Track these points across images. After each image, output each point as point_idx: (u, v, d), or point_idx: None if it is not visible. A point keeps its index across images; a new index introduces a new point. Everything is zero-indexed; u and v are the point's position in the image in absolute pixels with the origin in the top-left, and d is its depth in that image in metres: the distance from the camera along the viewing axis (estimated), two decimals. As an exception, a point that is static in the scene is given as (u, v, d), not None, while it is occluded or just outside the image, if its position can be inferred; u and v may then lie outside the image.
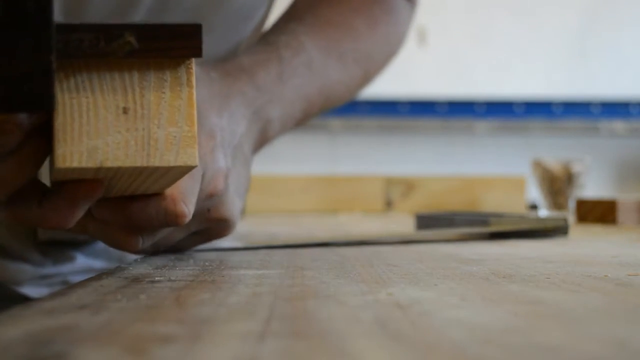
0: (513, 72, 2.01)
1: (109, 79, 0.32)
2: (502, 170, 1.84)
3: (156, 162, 0.33)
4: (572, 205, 1.19)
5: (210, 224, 0.47)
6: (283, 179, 1.44)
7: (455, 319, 0.24)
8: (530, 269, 0.39)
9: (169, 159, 0.33)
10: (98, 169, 0.33)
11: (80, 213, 0.36)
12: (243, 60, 0.52)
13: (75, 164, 0.32)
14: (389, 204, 1.44)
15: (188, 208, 0.40)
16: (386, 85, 1.96)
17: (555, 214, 1.19)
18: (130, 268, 0.40)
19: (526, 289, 0.31)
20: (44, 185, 0.36)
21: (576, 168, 1.23)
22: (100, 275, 0.37)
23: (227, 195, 0.46)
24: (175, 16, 0.53)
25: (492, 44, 2.01)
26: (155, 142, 0.33)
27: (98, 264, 0.64)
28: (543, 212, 1.23)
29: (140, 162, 0.33)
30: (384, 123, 1.99)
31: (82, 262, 0.63)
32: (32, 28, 0.29)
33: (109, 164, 0.32)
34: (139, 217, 0.40)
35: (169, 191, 0.39)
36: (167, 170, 0.34)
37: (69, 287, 0.32)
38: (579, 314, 0.26)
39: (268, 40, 0.56)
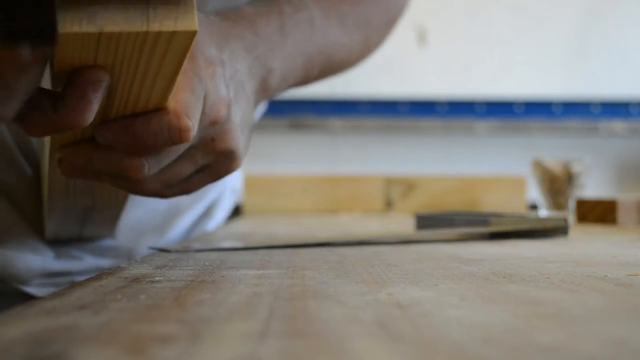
0: (513, 72, 2.01)
1: None
2: (502, 170, 1.84)
3: (156, 26, 0.33)
4: (572, 205, 1.19)
5: (217, 157, 0.46)
6: (283, 179, 1.44)
7: (455, 318, 0.24)
8: (530, 269, 0.39)
9: (169, 24, 0.33)
10: (99, 36, 0.32)
11: (93, 107, 0.35)
12: (244, 10, 0.52)
13: (75, 29, 0.31)
14: (389, 204, 1.44)
15: (192, 122, 0.39)
16: (386, 85, 1.96)
17: (555, 214, 1.19)
18: (130, 268, 0.40)
19: (526, 289, 0.31)
20: (53, 92, 0.36)
21: (576, 168, 1.23)
22: (100, 275, 0.37)
23: (231, 125, 0.45)
24: None
25: (492, 44, 2.01)
26: (154, 8, 0.33)
27: (106, 263, 0.64)
28: (543, 212, 1.23)
29: (140, 26, 0.32)
30: (384, 123, 1.98)
31: (90, 261, 0.63)
32: None
33: (109, 28, 0.32)
34: (143, 135, 0.39)
35: (171, 105, 0.39)
36: (167, 44, 0.33)
37: (69, 287, 0.32)
38: (578, 314, 0.26)
39: None
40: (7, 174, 0.57)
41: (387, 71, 1.96)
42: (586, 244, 0.59)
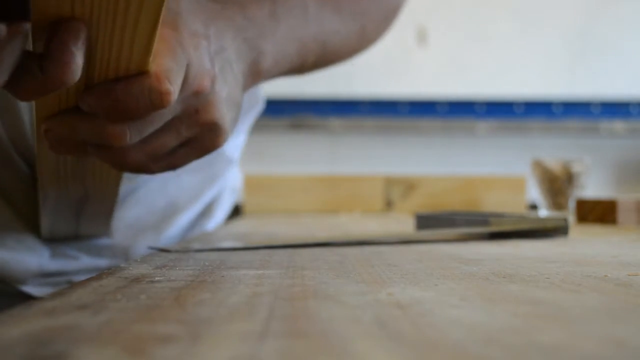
0: (513, 72, 2.01)
1: None
2: (502, 170, 1.84)
3: None
4: (572, 205, 1.19)
5: (201, 129, 0.46)
6: (283, 179, 1.44)
7: (455, 318, 0.24)
8: (530, 269, 0.39)
9: None
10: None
11: (76, 60, 0.35)
12: None
13: None
14: (389, 204, 1.44)
15: (172, 87, 0.40)
16: (386, 85, 1.96)
17: (555, 214, 1.19)
18: (130, 268, 0.40)
19: (526, 289, 0.31)
20: (37, 53, 0.36)
21: (576, 168, 1.23)
22: (100, 275, 0.37)
23: (216, 97, 0.45)
24: None
25: (492, 44, 2.01)
26: None
27: (103, 262, 0.64)
28: (543, 212, 1.23)
29: None
30: (384, 123, 1.99)
31: (87, 261, 0.63)
32: None
33: None
34: (124, 98, 0.39)
35: (152, 69, 0.39)
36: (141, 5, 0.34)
37: (69, 287, 0.32)
38: (578, 314, 0.26)
39: None
40: (3, 172, 0.57)
41: (387, 71, 1.96)
42: (586, 244, 0.59)
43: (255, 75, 0.52)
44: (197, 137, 0.46)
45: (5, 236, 0.58)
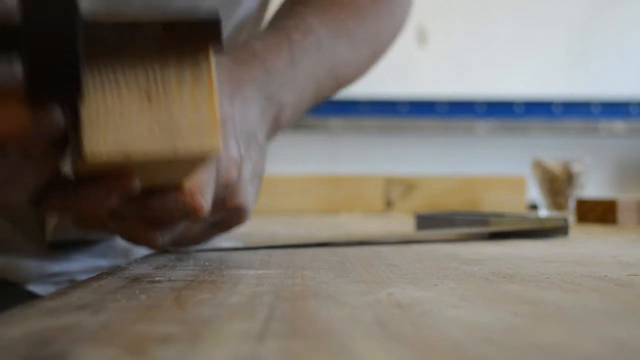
0: (513, 72, 2.01)
1: (132, 68, 0.33)
2: (502, 170, 1.84)
3: (180, 148, 0.33)
4: (572, 205, 1.19)
5: (227, 213, 0.47)
6: (283, 179, 1.44)
7: (455, 318, 0.24)
8: (530, 269, 0.39)
9: (193, 145, 0.34)
10: (125, 158, 0.33)
11: (112, 203, 0.35)
12: (255, 46, 0.52)
13: (104, 157, 0.32)
14: (389, 204, 1.44)
15: (206, 200, 0.40)
16: (386, 85, 1.96)
17: (555, 214, 1.19)
18: (130, 268, 0.40)
19: (526, 289, 0.31)
20: (72, 177, 0.37)
21: (576, 168, 1.23)
22: (101, 275, 0.37)
23: (241, 184, 0.46)
24: None
25: (492, 44, 2.01)
26: (179, 129, 0.33)
27: (104, 262, 0.64)
28: (543, 212, 1.23)
29: (165, 148, 0.33)
30: (384, 123, 1.98)
31: (88, 261, 0.63)
32: (61, 19, 0.29)
33: (136, 153, 0.33)
34: (158, 211, 0.40)
35: (187, 185, 0.39)
36: (191, 156, 0.34)
37: (69, 286, 0.32)
38: (578, 314, 0.26)
39: (277, 25, 0.56)
40: None
41: (387, 71, 1.96)
42: (586, 244, 0.59)
43: (276, 128, 0.53)
44: (223, 220, 0.47)
45: (8, 240, 0.58)
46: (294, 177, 1.46)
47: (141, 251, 0.65)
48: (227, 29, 0.61)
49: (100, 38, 0.31)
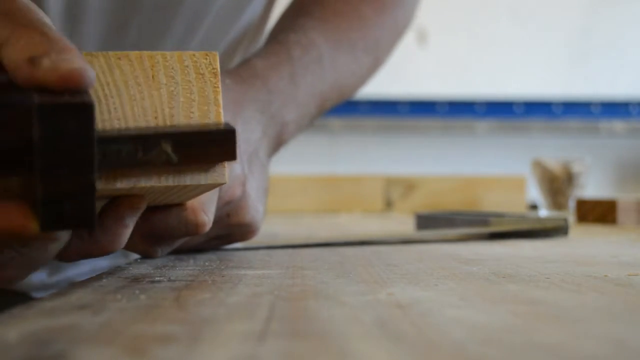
0: (513, 72, 2.01)
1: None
2: (502, 170, 1.84)
3: (187, 180, 0.34)
4: (572, 205, 1.19)
5: (232, 229, 0.47)
6: (283, 179, 1.44)
7: (455, 318, 0.24)
8: (530, 269, 0.39)
9: (199, 178, 0.34)
10: (130, 189, 0.33)
11: (128, 231, 0.35)
12: (256, 64, 0.52)
13: (109, 185, 0.32)
14: (389, 204, 1.44)
15: (208, 217, 0.40)
16: (386, 85, 1.96)
17: (555, 214, 1.19)
18: (130, 268, 0.40)
19: (526, 289, 0.31)
20: None
21: (576, 168, 1.23)
22: (100, 275, 0.37)
23: (247, 201, 0.46)
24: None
25: (493, 43, 2.01)
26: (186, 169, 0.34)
27: (102, 263, 0.64)
28: (543, 212, 1.23)
29: (171, 181, 0.33)
30: (384, 123, 1.98)
31: (89, 263, 0.63)
32: (75, 150, 0.29)
33: (142, 184, 0.33)
34: (160, 227, 0.40)
35: (189, 202, 0.40)
36: (197, 187, 0.35)
37: (69, 287, 0.32)
38: (578, 314, 0.26)
39: (278, 39, 0.56)
40: None
41: (387, 71, 1.95)
42: (586, 244, 0.59)
43: (278, 146, 0.54)
44: (227, 235, 0.48)
45: None
46: (294, 177, 1.46)
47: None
48: (231, 36, 0.61)
49: (112, 153, 0.31)
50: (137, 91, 0.33)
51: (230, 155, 0.34)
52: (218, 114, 0.34)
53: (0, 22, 0.31)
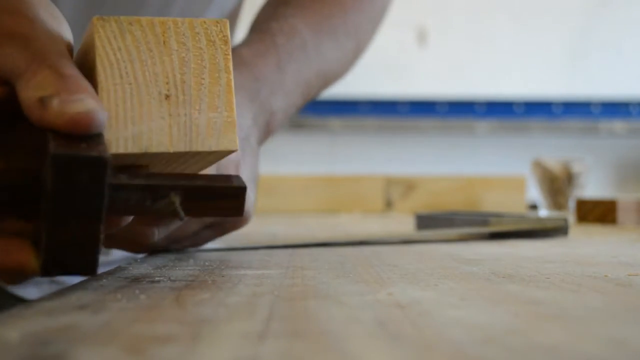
0: (513, 72, 2.01)
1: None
2: (502, 170, 1.84)
3: (198, 147, 0.34)
4: (572, 205, 1.19)
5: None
6: (283, 179, 1.44)
7: (455, 319, 0.24)
8: (530, 269, 0.39)
9: (210, 144, 0.34)
10: (142, 155, 0.33)
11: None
12: (241, 52, 0.52)
13: (121, 150, 0.32)
14: (389, 204, 1.44)
15: None
16: (386, 85, 1.96)
17: (555, 214, 1.19)
18: (130, 268, 0.39)
19: (526, 289, 0.31)
20: None
21: (576, 168, 1.23)
22: (100, 275, 0.37)
23: None
24: None
25: (492, 43, 2.01)
26: (197, 128, 0.34)
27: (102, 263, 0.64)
28: (543, 212, 1.23)
29: (183, 147, 0.33)
30: (384, 123, 1.98)
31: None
32: (85, 201, 0.29)
33: (153, 149, 0.33)
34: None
35: None
36: (207, 154, 0.35)
37: (69, 287, 0.32)
38: (578, 314, 0.26)
39: (261, 28, 0.56)
40: None
41: (387, 71, 1.96)
42: (586, 244, 0.59)
43: (268, 134, 0.54)
44: (219, 223, 0.48)
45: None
46: (294, 177, 1.46)
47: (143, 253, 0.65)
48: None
49: (120, 201, 0.31)
50: (148, 57, 0.33)
51: (237, 210, 0.34)
52: (229, 81, 0.34)
53: (18, 50, 0.31)
